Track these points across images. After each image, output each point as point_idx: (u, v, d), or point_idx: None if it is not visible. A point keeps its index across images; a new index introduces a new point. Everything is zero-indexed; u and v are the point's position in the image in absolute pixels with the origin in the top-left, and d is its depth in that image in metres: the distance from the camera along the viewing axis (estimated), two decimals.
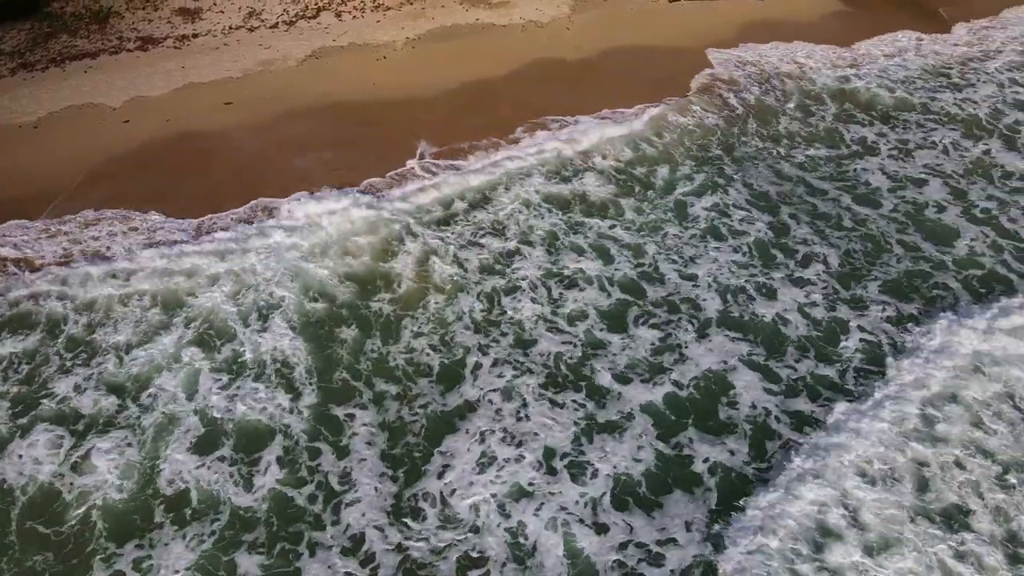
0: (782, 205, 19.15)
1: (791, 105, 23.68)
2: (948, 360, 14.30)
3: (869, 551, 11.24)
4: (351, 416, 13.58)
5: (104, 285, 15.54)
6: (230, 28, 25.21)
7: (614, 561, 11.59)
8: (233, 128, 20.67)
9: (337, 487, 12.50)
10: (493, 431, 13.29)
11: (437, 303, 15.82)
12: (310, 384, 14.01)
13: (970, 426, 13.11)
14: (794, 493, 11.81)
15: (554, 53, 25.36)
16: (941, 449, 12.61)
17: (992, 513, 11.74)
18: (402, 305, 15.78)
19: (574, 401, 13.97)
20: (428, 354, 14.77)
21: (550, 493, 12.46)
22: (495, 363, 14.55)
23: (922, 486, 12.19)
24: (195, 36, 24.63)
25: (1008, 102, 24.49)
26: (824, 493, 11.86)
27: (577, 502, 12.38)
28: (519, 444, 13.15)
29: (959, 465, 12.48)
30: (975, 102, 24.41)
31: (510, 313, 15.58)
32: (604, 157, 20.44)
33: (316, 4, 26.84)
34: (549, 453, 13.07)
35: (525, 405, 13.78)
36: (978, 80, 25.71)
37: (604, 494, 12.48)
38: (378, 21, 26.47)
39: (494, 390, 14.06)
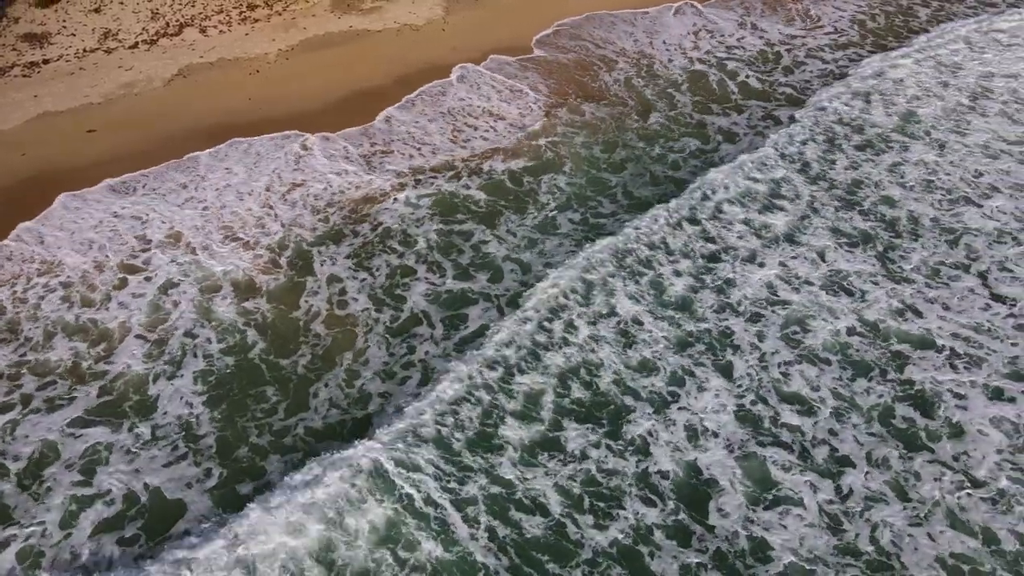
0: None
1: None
2: None
3: None
4: None
5: None
6: (84, 51, 23.43)
7: None
8: (104, 158, 19.26)
9: None
10: None
11: None
12: None
13: None
14: None
15: (434, 57, 24.97)
16: None
17: None
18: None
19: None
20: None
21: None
22: None
23: None
24: (46, 62, 22.76)
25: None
26: None
27: None
28: None
29: None
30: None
31: None
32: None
33: (178, 20, 25.37)
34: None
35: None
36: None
37: None
38: (247, 34, 25.31)
39: None
